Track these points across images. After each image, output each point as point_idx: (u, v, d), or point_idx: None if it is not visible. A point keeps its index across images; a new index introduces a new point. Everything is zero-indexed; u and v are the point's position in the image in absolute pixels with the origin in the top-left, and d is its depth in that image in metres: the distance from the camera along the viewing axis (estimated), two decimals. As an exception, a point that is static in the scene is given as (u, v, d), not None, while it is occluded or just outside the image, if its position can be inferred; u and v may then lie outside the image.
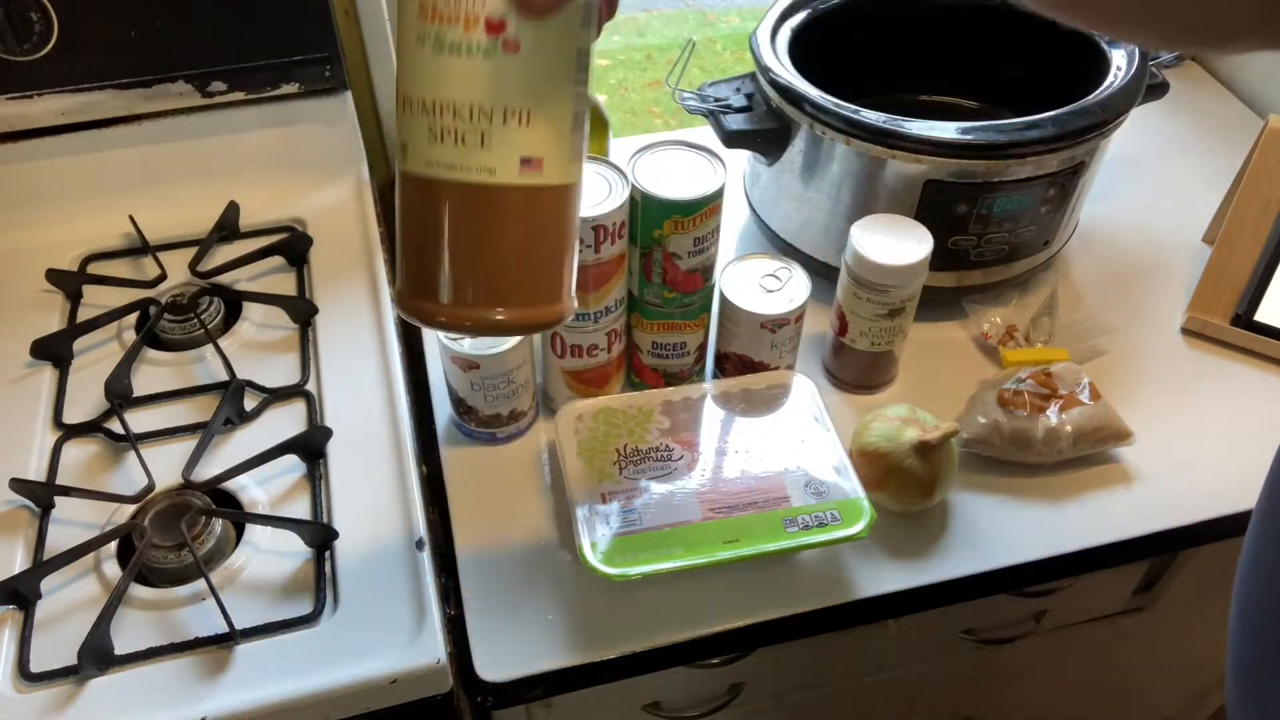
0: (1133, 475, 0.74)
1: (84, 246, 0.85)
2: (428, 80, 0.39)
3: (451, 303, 0.43)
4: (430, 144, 0.40)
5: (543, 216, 0.43)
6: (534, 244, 0.43)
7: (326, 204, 0.89)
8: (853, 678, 0.85)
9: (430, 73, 0.39)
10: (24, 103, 0.80)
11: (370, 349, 0.77)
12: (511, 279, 0.43)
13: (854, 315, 0.74)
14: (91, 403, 0.73)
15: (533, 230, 0.43)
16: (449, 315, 0.43)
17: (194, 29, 0.80)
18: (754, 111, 0.81)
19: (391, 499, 0.67)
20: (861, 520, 0.64)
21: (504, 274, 0.43)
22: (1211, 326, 0.83)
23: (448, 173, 0.41)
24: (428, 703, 0.60)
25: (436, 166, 0.41)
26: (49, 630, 0.60)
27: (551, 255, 0.44)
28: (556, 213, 0.44)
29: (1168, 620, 0.94)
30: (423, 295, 0.43)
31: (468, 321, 0.43)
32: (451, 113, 0.39)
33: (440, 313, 0.43)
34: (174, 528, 0.63)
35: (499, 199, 0.41)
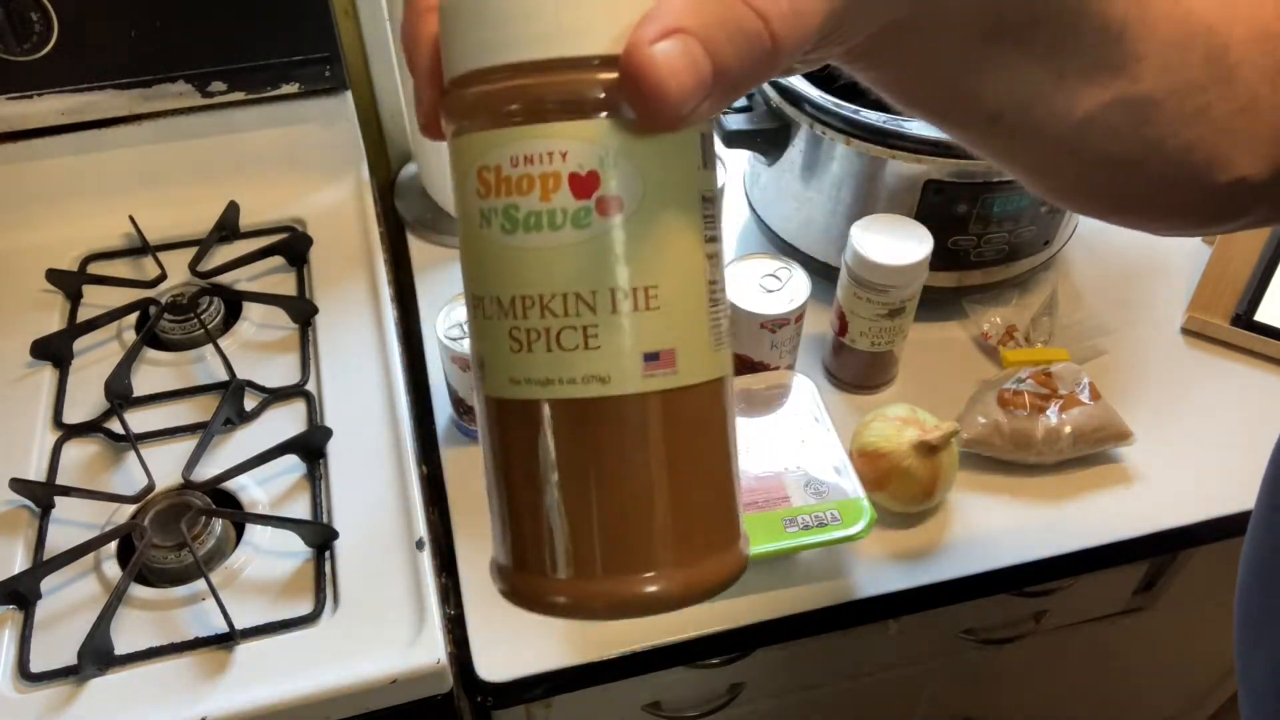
0: (1133, 475, 0.74)
1: (84, 246, 0.85)
2: (500, 272, 0.29)
3: (575, 576, 0.30)
4: (514, 355, 0.29)
5: (686, 430, 0.30)
6: (681, 473, 0.30)
7: (326, 204, 0.89)
8: (853, 678, 0.85)
9: (503, 262, 0.29)
10: (24, 103, 0.80)
11: (370, 349, 0.77)
12: (656, 530, 0.30)
13: (854, 315, 0.74)
14: (91, 403, 0.73)
15: (676, 453, 0.30)
16: (574, 595, 0.30)
17: (194, 29, 0.80)
18: (754, 111, 0.81)
19: (391, 499, 0.67)
20: (861, 520, 0.64)
21: (644, 525, 0.30)
22: (1211, 326, 0.83)
23: (542, 390, 0.29)
24: (428, 703, 0.60)
25: (526, 385, 0.29)
26: (49, 630, 0.60)
27: (708, 484, 0.31)
28: (705, 422, 0.31)
29: (1168, 620, 0.94)
30: (531, 569, 0.31)
31: (601, 601, 0.30)
32: (539, 308, 0.28)
33: (560, 592, 0.30)
34: (174, 528, 0.63)
35: (620, 415, 0.29)
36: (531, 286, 0.28)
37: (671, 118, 0.25)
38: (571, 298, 0.28)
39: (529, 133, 0.27)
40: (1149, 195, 0.37)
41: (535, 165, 0.27)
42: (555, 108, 0.27)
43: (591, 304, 0.28)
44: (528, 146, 0.27)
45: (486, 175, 0.28)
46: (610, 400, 0.29)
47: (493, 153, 0.28)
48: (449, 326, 0.68)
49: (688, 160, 0.29)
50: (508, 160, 0.28)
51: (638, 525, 0.30)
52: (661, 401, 0.29)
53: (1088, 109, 0.32)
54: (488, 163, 0.28)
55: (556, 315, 0.28)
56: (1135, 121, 0.33)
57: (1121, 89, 0.32)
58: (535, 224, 0.28)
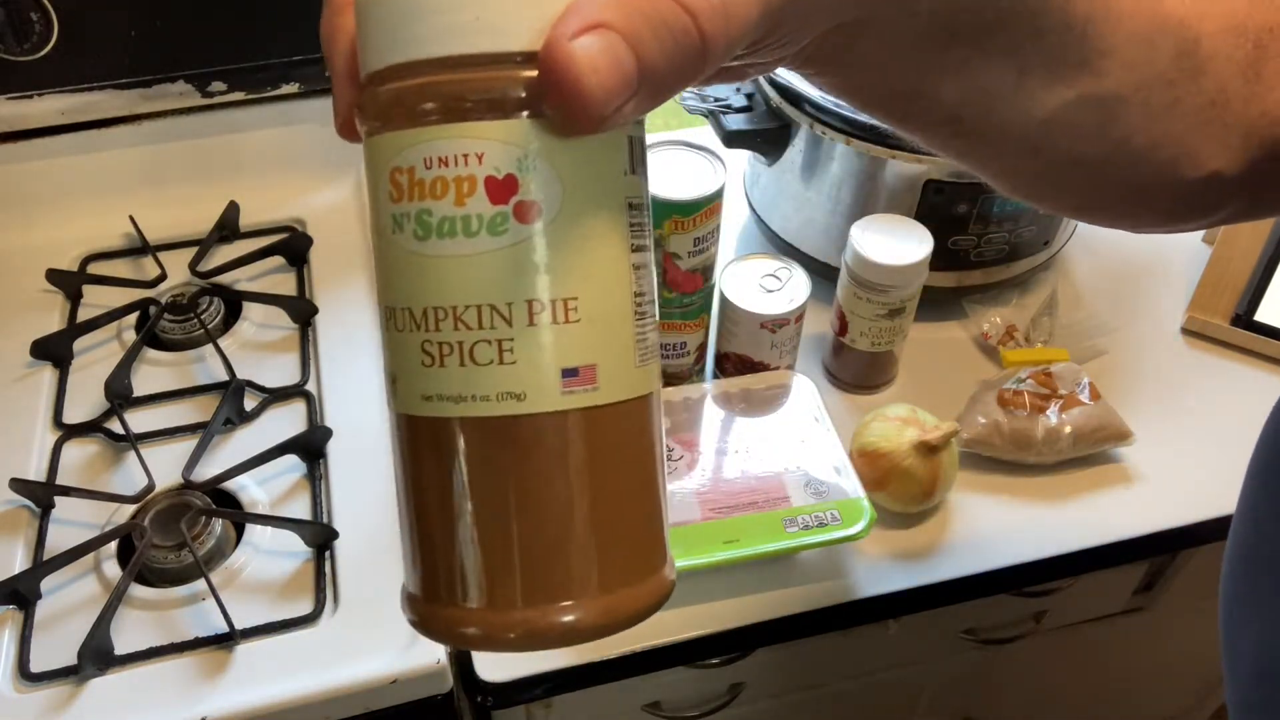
0: (1133, 475, 0.74)
1: (84, 246, 0.85)
2: (412, 281, 0.27)
3: (488, 606, 0.28)
4: (426, 370, 0.27)
5: (607, 451, 0.28)
6: (601, 496, 0.28)
7: (326, 204, 0.89)
8: (853, 678, 0.85)
9: (414, 270, 0.27)
10: (24, 103, 0.80)
11: (370, 349, 0.77)
12: (574, 557, 0.28)
13: (854, 315, 0.74)
14: (91, 403, 0.73)
15: (596, 475, 0.28)
16: (486, 625, 0.28)
17: (194, 29, 0.80)
18: (754, 111, 0.81)
19: (391, 499, 0.66)
20: (861, 520, 0.64)
21: (560, 551, 0.28)
22: (1211, 326, 0.83)
23: (454, 408, 0.27)
24: (428, 703, 0.60)
25: (438, 401, 0.27)
26: (49, 630, 0.60)
27: (630, 507, 0.29)
28: (628, 441, 0.29)
29: (1168, 620, 0.94)
30: (442, 598, 0.29)
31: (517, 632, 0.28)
32: (452, 321, 0.27)
33: (472, 622, 0.29)
34: (174, 528, 0.63)
35: (536, 435, 0.27)
36: (444, 297, 0.26)
37: (592, 118, 0.24)
38: (486, 309, 0.26)
39: (444, 132, 0.26)
40: (1118, 193, 0.36)
41: (450, 168, 0.26)
42: (472, 106, 0.25)
43: (507, 316, 0.26)
44: (442, 148, 0.26)
45: (399, 178, 0.26)
46: (526, 419, 0.27)
47: (406, 154, 0.26)
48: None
49: (613, 165, 0.27)
50: (421, 162, 0.26)
51: (554, 552, 0.28)
52: (581, 420, 0.27)
53: (1051, 108, 0.31)
54: (400, 164, 0.26)
55: (470, 328, 0.26)
56: (1101, 119, 0.32)
57: (1086, 86, 0.31)
58: (449, 230, 0.26)
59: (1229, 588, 0.43)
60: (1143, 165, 0.34)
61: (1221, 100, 0.33)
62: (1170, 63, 0.32)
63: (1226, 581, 0.43)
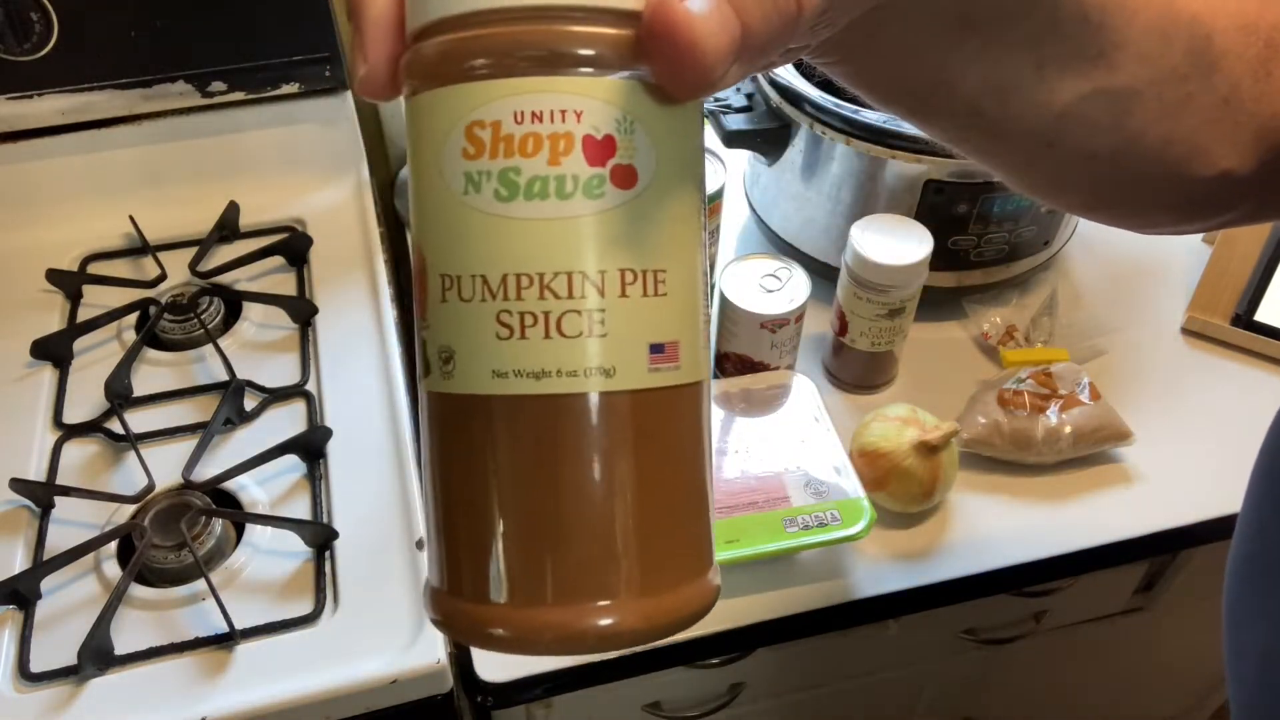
0: (1133, 475, 0.74)
1: (84, 246, 0.85)
2: (489, 246, 0.24)
3: (528, 602, 0.25)
4: (501, 344, 0.25)
5: (678, 434, 0.27)
6: (668, 483, 0.26)
7: (326, 204, 0.89)
8: (853, 678, 0.85)
9: (494, 234, 0.24)
10: (24, 103, 0.80)
11: (370, 349, 0.77)
12: (634, 550, 0.25)
13: (854, 315, 0.74)
14: (91, 403, 0.73)
15: (667, 459, 0.26)
16: (528, 624, 0.25)
17: (194, 29, 0.80)
18: (754, 111, 0.81)
19: (391, 499, 0.67)
20: (861, 520, 0.64)
21: (622, 543, 0.25)
22: (1211, 326, 0.83)
23: (535, 384, 0.25)
24: (428, 703, 0.60)
25: (516, 378, 0.25)
26: (49, 630, 0.60)
27: (691, 498, 0.27)
28: (695, 425, 0.27)
29: (1168, 620, 0.94)
30: (479, 596, 0.26)
31: (570, 631, 0.25)
32: (538, 289, 0.24)
33: (509, 621, 0.25)
34: (174, 528, 0.63)
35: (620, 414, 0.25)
36: (530, 263, 0.24)
37: (701, 82, 0.23)
38: (578, 277, 0.24)
39: (540, 85, 0.24)
40: (1130, 190, 0.36)
41: (545, 124, 0.24)
42: (573, 60, 0.23)
43: (600, 285, 0.24)
44: (537, 102, 0.24)
45: (479, 132, 0.24)
46: (612, 397, 0.25)
47: (491, 107, 0.24)
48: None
49: (696, 136, 0.26)
50: (510, 116, 0.24)
51: (612, 546, 0.25)
52: (662, 400, 0.25)
53: (1066, 100, 0.32)
54: (482, 118, 0.24)
55: (559, 297, 0.24)
56: (1115, 112, 0.32)
57: (1101, 79, 0.32)
58: (540, 191, 0.24)
59: (1233, 591, 0.43)
60: (1155, 161, 0.34)
61: (1234, 98, 0.33)
62: (1183, 58, 0.32)
63: (1231, 584, 0.43)
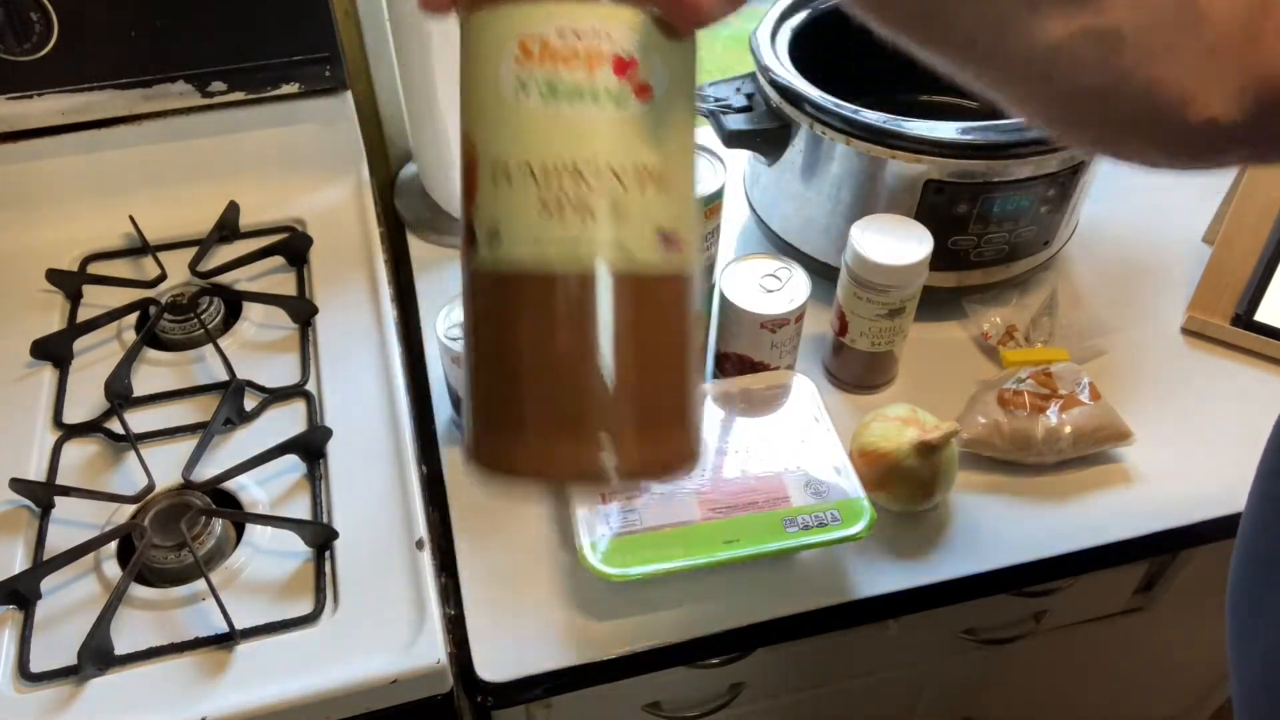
0: (1133, 475, 0.74)
1: (84, 246, 0.85)
2: (535, 138, 0.30)
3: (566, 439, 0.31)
4: (541, 220, 0.30)
5: (680, 314, 0.33)
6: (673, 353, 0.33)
7: (326, 204, 0.89)
8: (853, 678, 0.85)
9: (540, 128, 0.30)
10: (24, 103, 0.80)
11: (370, 349, 0.77)
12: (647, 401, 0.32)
13: (854, 315, 0.74)
14: (91, 403, 0.73)
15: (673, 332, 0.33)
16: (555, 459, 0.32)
17: (194, 29, 0.80)
18: (754, 111, 0.81)
19: (391, 499, 0.67)
20: (861, 520, 0.64)
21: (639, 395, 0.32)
22: (1211, 326, 0.83)
23: (567, 254, 0.30)
24: (428, 703, 0.60)
25: (551, 245, 0.30)
26: (49, 630, 0.60)
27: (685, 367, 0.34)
28: (688, 309, 0.34)
29: (1168, 620, 0.94)
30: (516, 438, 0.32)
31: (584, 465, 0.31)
32: (575, 177, 0.30)
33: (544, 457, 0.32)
34: (174, 528, 0.63)
35: (634, 288, 0.31)
36: (569, 154, 0.30)
37: (696, 21, 0.31)
38: (606, 169, 0.30)
39: (580, 10, 0.30)
40: (1125, 127, 0.38)
41: (583, 40, 0.30)
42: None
43: (621, 178, 0.30)
44: (577, 21, 0.30)
45: (530, 44, 0.30)
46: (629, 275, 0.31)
47: (541, 23, 0.30)
48: (449, 326, 0.68)
49: (693, 67, 0.33)
50: (554, 31, 0.30)
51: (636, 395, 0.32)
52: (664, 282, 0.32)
53: (1056, 37, 0.34)
54: (532, 31, 0.30)
55: (590, 185, 0.30)
56: (1102, 53, 0.35)
57: (1088, 20, 0.34)
58: (577, 95, 0.30)
59: (1237, 591, 0.43)
60: (1144, 103, 0.36)
61: (1221, 49, 0.35)
62: (1172, 7, 0.34)
63: (1235, 585, 0.43)
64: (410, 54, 0.81)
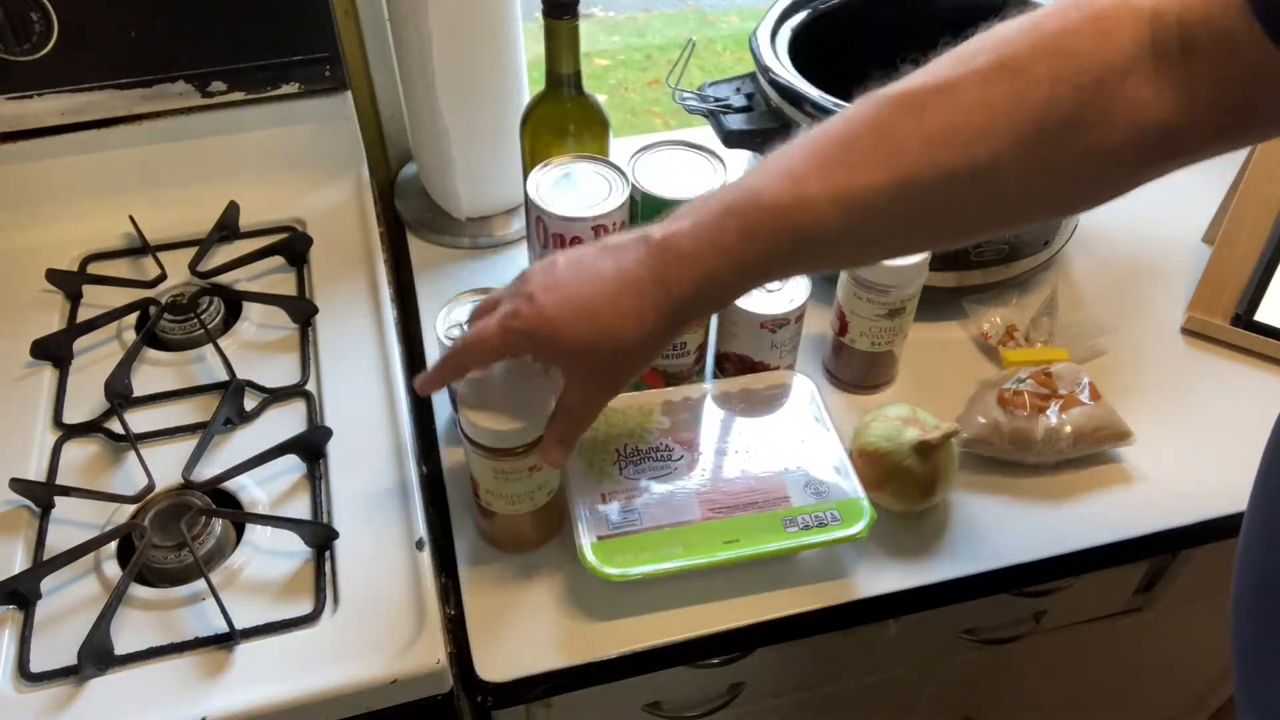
0: (1133, 475, 0.74)
1: (84, 246, 0.85)
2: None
3: None
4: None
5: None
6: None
7: (326, 204, 0.89)
8: (853, 678, 0.85)
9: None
10: (24, 103, 0.80)
11: (370, 349, 0.77)
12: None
13: (854, 315, 0.74)
14: (91, 403, 0.73)
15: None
16: None
17: (194, 29, 0.80)
18: (754, 111, 0.81)
19: (391, 499, 0.67)
20: (861, 520, 0.64)
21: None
22: (1211, 326, 0.83)
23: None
24: (428, 703, 0.60)
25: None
26: (49, 630, 0.60)
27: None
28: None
29: (1168, 620, 0.94)
30: None
31: None
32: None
33: None
34: (174, 528, 0.63)
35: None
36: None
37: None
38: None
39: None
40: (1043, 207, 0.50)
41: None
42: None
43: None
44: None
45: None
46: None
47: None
48: (449, 326, 0.68)
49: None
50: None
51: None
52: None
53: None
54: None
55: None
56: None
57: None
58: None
59: (1248, 627, 0.42)
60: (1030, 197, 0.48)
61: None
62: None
63: (1246, 620, 0.42)
64: (410, 54, 0.81)
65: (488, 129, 0.85)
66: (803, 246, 0.45)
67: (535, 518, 0.65)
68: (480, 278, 0.88)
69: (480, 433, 0.58)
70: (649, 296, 0.46)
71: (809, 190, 0.44)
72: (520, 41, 0.83)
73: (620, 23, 1.77)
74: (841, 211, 0.44)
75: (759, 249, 0.45)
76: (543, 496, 0.63)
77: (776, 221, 0.44)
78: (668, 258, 0.46)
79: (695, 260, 0.45)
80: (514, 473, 0.60)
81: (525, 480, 0.61)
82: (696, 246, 0.45)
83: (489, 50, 0.81)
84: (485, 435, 0.58)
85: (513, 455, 0.59)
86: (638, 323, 0.46)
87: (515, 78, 0.84)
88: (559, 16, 0.65)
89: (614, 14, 1.48)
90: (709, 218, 0.45)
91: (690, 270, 0.46)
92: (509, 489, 0.61)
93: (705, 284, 0.46)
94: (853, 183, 0.43)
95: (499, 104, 0.84)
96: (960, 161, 0.43)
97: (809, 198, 0.44)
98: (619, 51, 2.55)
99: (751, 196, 0.45)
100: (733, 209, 0.45)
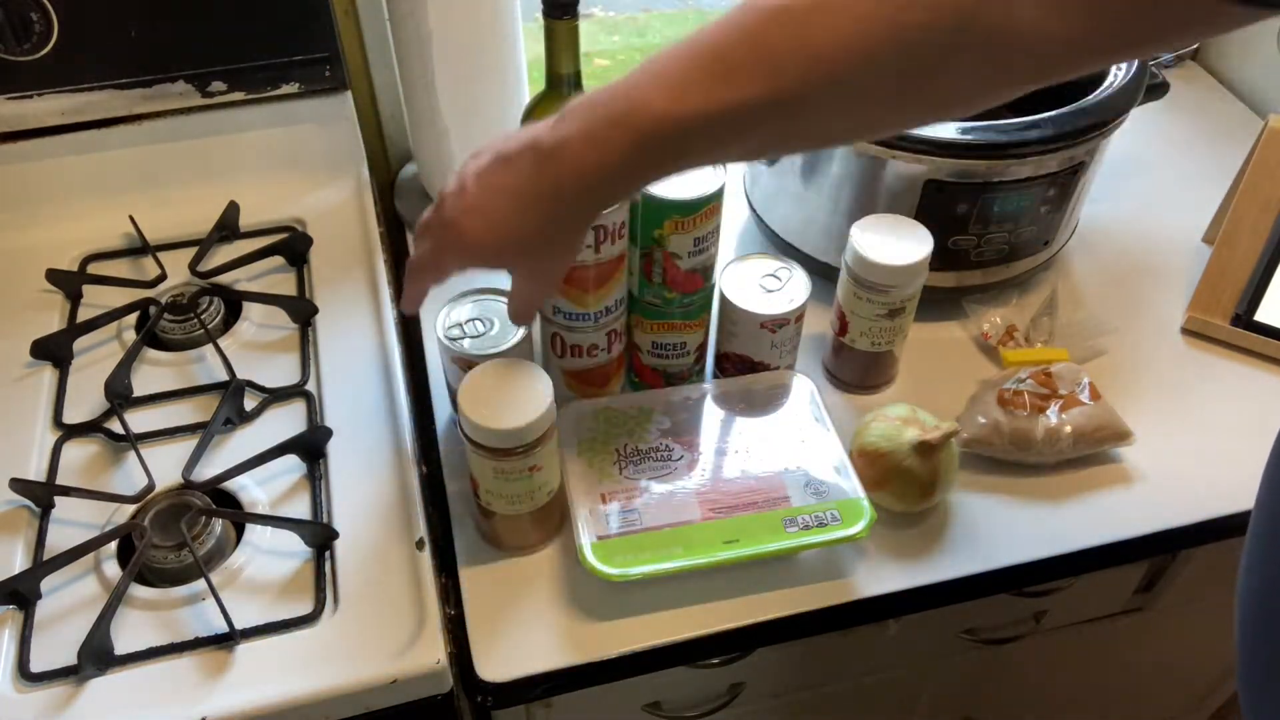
0: (1133, 475, 0.74)
1: (84, 246, 0.85)
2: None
3: None
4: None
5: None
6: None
7: (326, 204, 0.89)
8: (853, 678, 0.85)
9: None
10: (24, 103, 0.80)
11: (370, 349, 0.77)
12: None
13: (854, 315, 0.74)
14: (91, 403, 0.73)
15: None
16: None
17: (194, 29, 0.80)
18: (754, 111, 0.81)
19: (391, 499, 0.67)
20: (861, 520, 0.64)
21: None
22: (1211, 326, 0.83)
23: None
24: (428, 703, 0.60)
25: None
26: (49, 630, 0.60)
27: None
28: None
29: (1168, 620, 0.94)
30: None
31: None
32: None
33: None
34: (174, 528, 0.63)
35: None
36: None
37: None
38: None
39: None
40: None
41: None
42: None
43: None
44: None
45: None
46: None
47: None
48: (449, 326, 0.68)
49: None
50: None
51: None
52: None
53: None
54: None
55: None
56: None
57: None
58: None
59: (1258, 643, 0.42)
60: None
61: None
62: None
63: (1257, 635, 0.42)
64: (410, 54, 0.81)
65: (488, 129, 0.85)
66: (687, 155, 0.49)
67: (535, 518, 0.65)
68: (480, 278, 0.88)
69: (480, 433, 0.58)
70: (547, 209, 0.52)
71: (691, 103, 0.46)
72: (520, 41, 0.83)
73: (620, 23, 1.77)
74: (727, 122, 0.46)
75: (646, 159, 0.49)
76: (543, 496, 0.63)
77: (664, 134, 0.47)
78: (561, 169, 0.50)
79: (584, 173, 0.49)
80: (514, 473, 0.60)
81: (525, 480, 0.61)
82: (585, 160, 0.49)
83: (489, 50, 0.81)
84: (485, 435, 0.58)
85: (513, 455, 0.59)
86: (539, 233, 0.53)
87: (515, 78, 0.84)
88: (559, 16, 0.65)
89: (614, 14, 1.48)
90: (597, 127, 0.48)
91: (581, 181, 0.50)
92: (509, 489, 0.61)
93: (597, 191, 0.51)
94: (730, 96, 0.46)
95: (499, 104, 0.84)
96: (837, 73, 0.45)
97: (692, 110, 0.46)
98: (619, 51, 2.55)
99: (637, 109, 0.47)
100: (619, 122, 0.48)
